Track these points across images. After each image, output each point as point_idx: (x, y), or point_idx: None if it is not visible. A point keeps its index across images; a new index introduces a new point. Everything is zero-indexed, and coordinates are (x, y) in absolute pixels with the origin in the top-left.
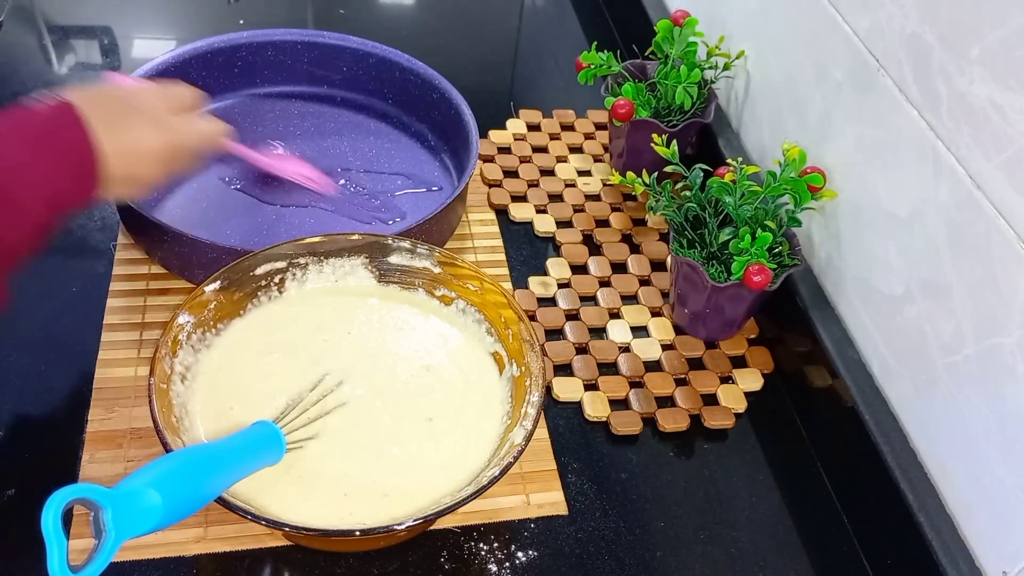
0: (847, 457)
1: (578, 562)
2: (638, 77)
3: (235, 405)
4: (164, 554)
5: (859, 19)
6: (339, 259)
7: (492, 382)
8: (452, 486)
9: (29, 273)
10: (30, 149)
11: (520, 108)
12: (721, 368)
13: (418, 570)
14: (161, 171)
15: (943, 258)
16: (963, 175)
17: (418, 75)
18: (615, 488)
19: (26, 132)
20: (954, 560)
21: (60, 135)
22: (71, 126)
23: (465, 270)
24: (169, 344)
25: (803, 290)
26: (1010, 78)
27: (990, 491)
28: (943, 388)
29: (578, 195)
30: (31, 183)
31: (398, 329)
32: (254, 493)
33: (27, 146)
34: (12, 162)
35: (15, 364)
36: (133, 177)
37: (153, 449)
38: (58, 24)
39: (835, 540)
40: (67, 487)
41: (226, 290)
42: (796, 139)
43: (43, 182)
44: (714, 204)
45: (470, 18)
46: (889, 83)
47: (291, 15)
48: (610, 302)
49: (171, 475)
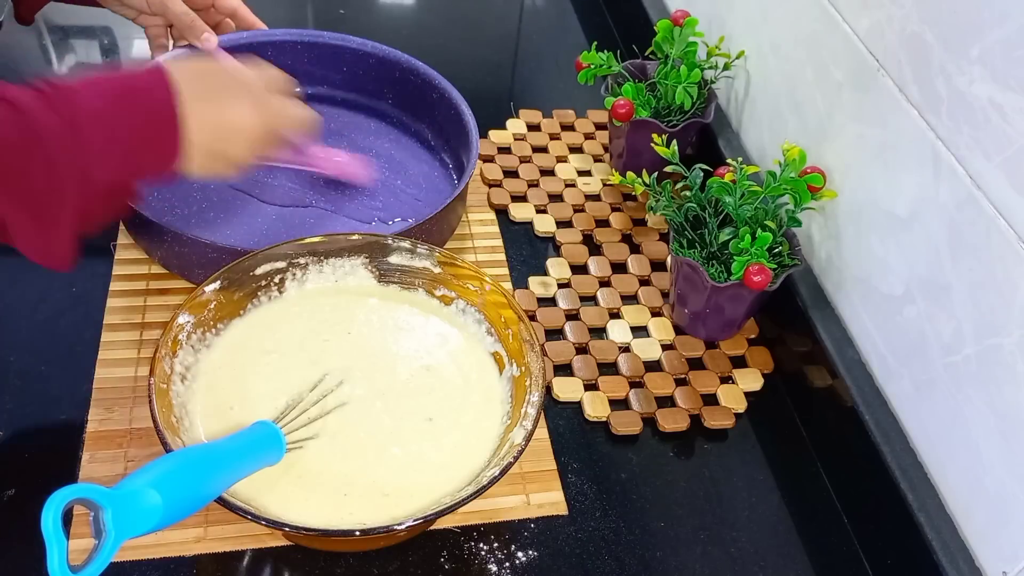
0: (847, 457)
1: (578, 562)
2: (638, 77)
3: (235, 405)
4: (164, 554)
5: (859, 19)
6: (339, 259)
7: (492, 382)
8: (452, 486)
9: (29, 273)
10: (114, 102)
11: (520, 108)
12: (721, 368)
13: (418, 570)
14: (251, 152)
15: (943, 258)
16: (963, 175)
17: (418, 75)
18: (615, 488)
19: (114, 86)
20: (954, 560)
21: (146, 95)
22: (159, 88)
23: (465, 270)
24: (169, 344)
25: (803, 290)
26: (1010, 78)
27: (990, 491)
28: (943, 388)
29: (578, 195)
30: (109, 134)
31: (398, 329)
32: (254, 493)
33: (112, 98)
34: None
35: (15, 364)
36: (222, 153)
37: (153, 449)
38: (58, 24)
39: (835, 540)
40: (67, 487)
41: (226, 290)
42: (796, 139)
43: (122, 136)
44: (714, 204)
45: (470, 18)
46: (889, 83)
47: (291, 15)
48: (610, 302)
49: (171, 475)
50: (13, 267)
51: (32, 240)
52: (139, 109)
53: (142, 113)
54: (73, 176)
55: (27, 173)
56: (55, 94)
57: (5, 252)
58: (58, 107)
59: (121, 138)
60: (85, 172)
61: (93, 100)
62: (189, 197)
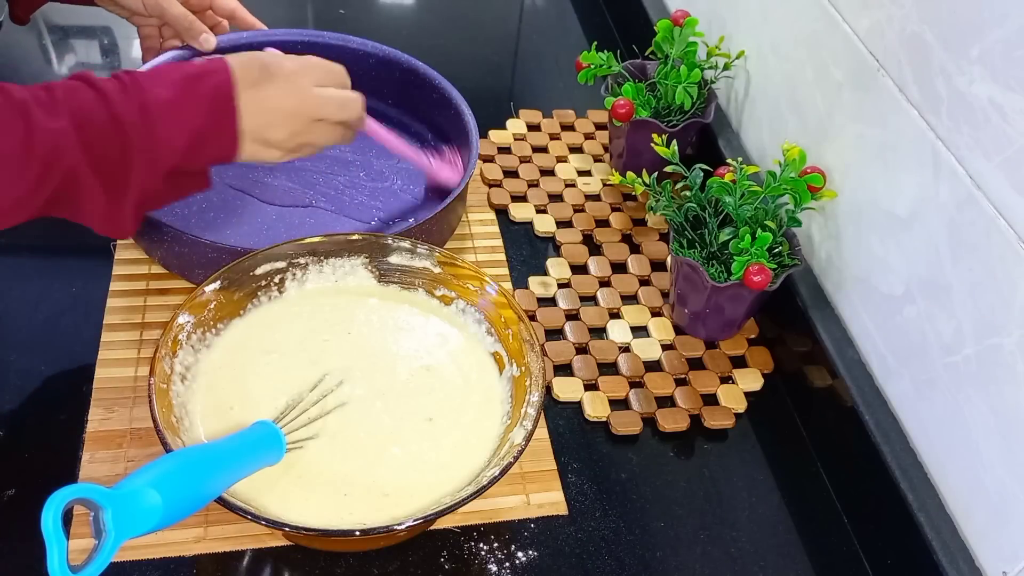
0: (847, 457)
1: (578, 562)
2: (638, 77)
3: (235, 405)
4: (164, 554)
5: (859, 19)
6: (339, 259)
7: (492, 382)
8: (452, 486)
9: (29, 273)
10: (179, 90)
11: (520, 108)
12: (721, 368)
13: (418, 570)
14: (291, 135)
15: (943, 258)
16: (963, 175)
17: (418, 75)
18: (615, 488)
19: (176, 75)
20: (954, 560)
21: (208, 80)
22: (219, 74)
23: (465, 270)
24: (169, 344)
25: (803, 290)
26: (1010, 78)
27: (990, 491)
28: (943, 388)
29: (578, 195)
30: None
31: (398, 329)
32: (254, 493)
33: (176, 87)
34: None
35: (15, 364)
36: (265, 139)
37: (153, 449)
38: (58, 24)
39: (835, 540)
40: (67, 487)
41: (226, 290)
42: (796, 139)
43: (188, 124)
44: (714, 204)
45: (470, 18)
46: (889, 83)
47: (291, 15)
48: (610, 302)
49: (171, 475)
50: (13, 267)
51: (99, 211)
52: (202, 95)
53: (205, 99)
54: (142, 157)
55: (107, 151)
56: (132, 83)
57: (5, 252)
58: (132, 95)
59: (185, 122)
60: (153, 154)
61: (163, 90)
62: (189, 197)
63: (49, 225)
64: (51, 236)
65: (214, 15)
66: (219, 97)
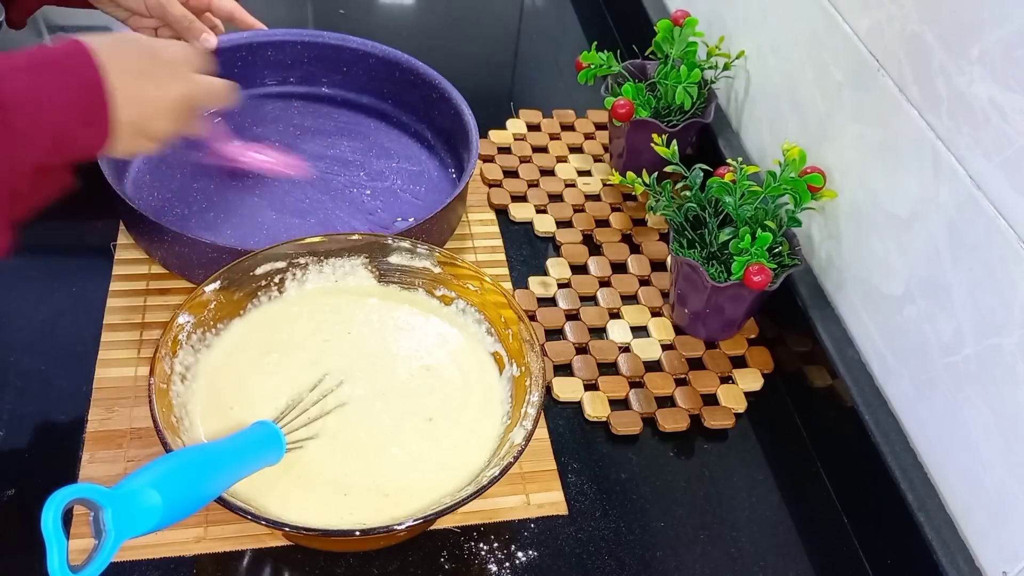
0: (847, 457)
1: (578, 562)
2: (638, 77)
3: (235, 405)
4: (164, 554)
5: (859, 19)
6: (339, 259)
7: (492, 382)
8: (452, 486)
9: (29, 273)
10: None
11: (520, 108)
12: (721, 368)
13: (418, 570)
14: (173, 126)
15: (943, 258)
16: (963, 175)
17: (418, 75)
18: (615, 488)
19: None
20: (954, 560)
21: (71, 72)
22: (83, 65)
23: (465, 270)
24: (169, 344)
25: (803, 290)
26: (1010, 78)
27: (990, 491)
28: (943, 388)
29: (578, 195)
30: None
31: (398, 329)
32: (254, 493)
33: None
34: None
35: (15, 364)
36: (144, 130)
37: (153, 449)
38: (57, 24)
39: (835, 540)
40: (67, 487)
41: (226, 290)
42: (796, 139)
43: (50, 116)
44: (714, 204)
45: (470, 18)
46: (889, 83)
47: (291, 15)
48: (610, 302)
49: (171, 475)
50: (13, 267)
51: None
52: (65, 88)
53: (70, 91)
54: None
55: None
56: None
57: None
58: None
59: (47, 119)
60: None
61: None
62: (189, 197)
63: (49, 225)
64: (51, 236)
65: (212, 17)
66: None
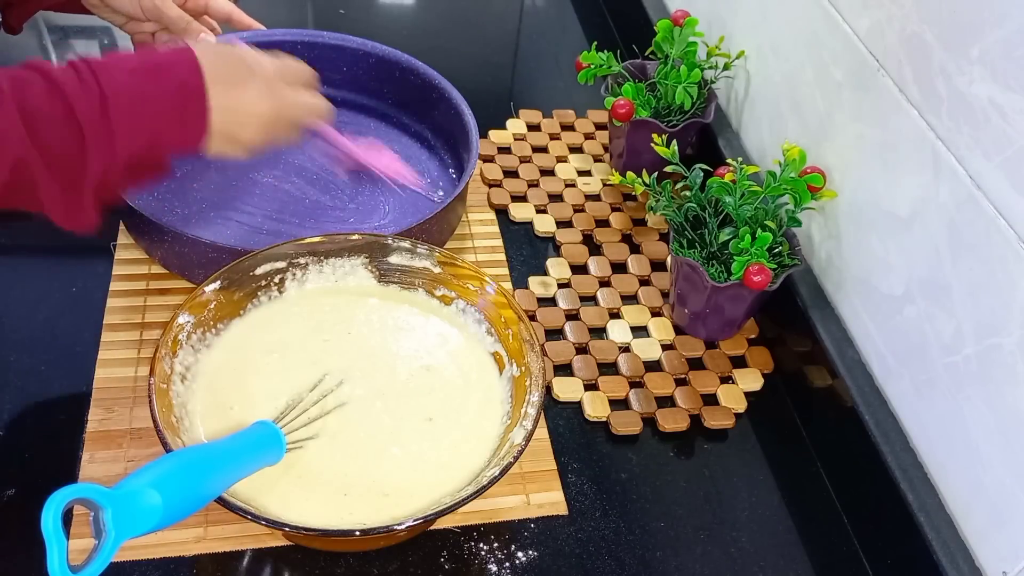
0: (847, 457)
1: (578, 562)
2: (638, 77)
3: (235, 405)
4: (164, 554)
5: (859, 19)
6: (339, 259)
7: (492, 382)
8: (452, 486)
9: (29, 273)
10: (143, 80)
11: (520, 108)
12: (721, 368)
13: (418, 570)
14: (261, 136)
15: (943, 258)
16: (963, 175)
17: (418, 75)
18: (615, 488)
19: (144, 65)
20: (954, 560)
21: (174, 75)
22: (187, 69)
23: (465, 270)
24: (169, 344)
25: (803, 290)
26: (1010, 78)
27: (990, 491)
28: (943, 388)
29: (578, 195)
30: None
31: (398, 329)
32: (254, 493)
33: (142, 77)
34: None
35: (15, 364)
36: (234, 137)
37: (153, 449)
38: (58, 24)
39: (835, 540)
40: (67, 487)
41: (226, 290)
42: (796, 139)
43: (148, 113)
44: (714, 204)
45: (470, 18)
46: (889, 83)
47: (291, 15)
48: (610, 302)
49: (171, 475)
50: (13, 267)
51: (57, 203)
52: (167, 88)
53: (170, 93)
54: (99, 148)
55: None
56: (88, 70)
57: (5, 252)
58: (89, 82)
59: (147, 115)
60: (110, 145)
61: (122, 77)
62: (189, 197)
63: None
64: (51, 236)
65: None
66: (187, 92)
